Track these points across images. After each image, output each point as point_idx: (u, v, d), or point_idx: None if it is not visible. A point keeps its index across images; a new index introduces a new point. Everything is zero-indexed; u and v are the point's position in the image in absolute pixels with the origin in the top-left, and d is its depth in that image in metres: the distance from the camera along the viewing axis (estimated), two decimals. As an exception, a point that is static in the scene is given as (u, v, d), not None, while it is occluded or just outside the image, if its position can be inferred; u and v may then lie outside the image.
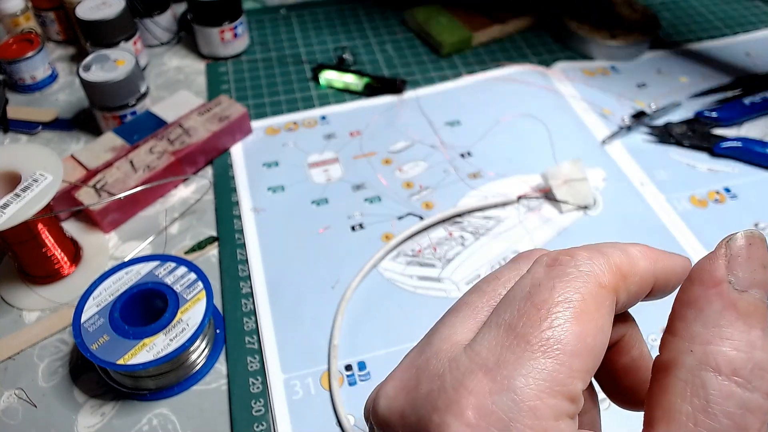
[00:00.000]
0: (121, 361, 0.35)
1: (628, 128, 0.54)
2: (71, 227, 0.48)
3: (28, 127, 0.58)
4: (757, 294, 0.17)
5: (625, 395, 0.22)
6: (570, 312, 0.17)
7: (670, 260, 0.20)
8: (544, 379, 0.16)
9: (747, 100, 0.54)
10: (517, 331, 0.17)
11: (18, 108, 0.60)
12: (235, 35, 0.64)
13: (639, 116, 0.55)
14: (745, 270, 0.18)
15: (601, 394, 0.22)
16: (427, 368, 0.18)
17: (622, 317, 0.21)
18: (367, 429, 0.38)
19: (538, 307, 0.17)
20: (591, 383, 0.21)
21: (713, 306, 0.17)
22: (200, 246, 0.47)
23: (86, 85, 0.52)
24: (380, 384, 0.20)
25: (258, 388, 0.38)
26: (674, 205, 0.48)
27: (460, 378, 0.17)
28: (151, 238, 0.47)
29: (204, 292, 0.38)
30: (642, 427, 0.17)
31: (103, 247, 0.47)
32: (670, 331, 0.18)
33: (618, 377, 0.21)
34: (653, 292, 0.19)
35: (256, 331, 0.41)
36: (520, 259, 0.21)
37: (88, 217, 0.48)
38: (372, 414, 0.19)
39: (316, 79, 0.61)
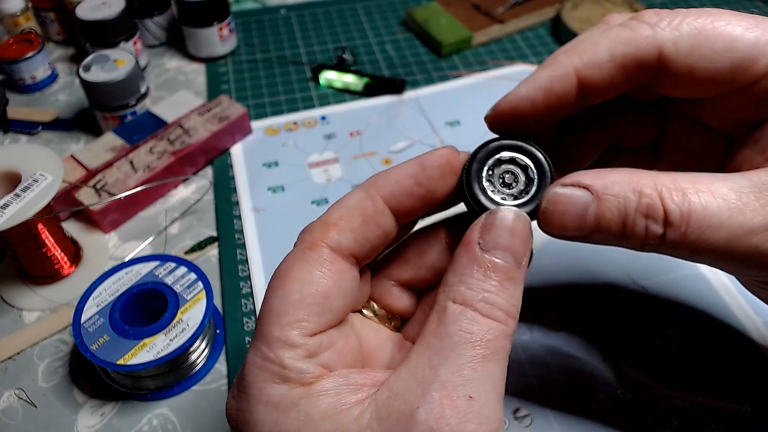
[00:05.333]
0: (121, 362, 0.35)
1: None
2: (71, 227, 0.48)
3: (28, 127, 0.58)
4: (499, 255, 0.23)
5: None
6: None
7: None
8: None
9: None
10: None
11: (18, 108, 0.60)
12: (231, 30, 0.64)
13: None
14: (492, 236, 0.23)
15: None
16: None
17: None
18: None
19: None
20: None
21: (462, 259, 0.24)
22: (200, 246, 0.47)
23: (86, 85, 0.52)
24: None
25: (258, 388, 0.38)
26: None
27: None
28: (151, 238, 0.48)
29: (204, 292, 0.38)
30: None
31: (103, 247, 0.47)
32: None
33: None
34: None
35: (256, 331, 0.41)
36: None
37: (88, 217, 0.48)
38: None
39: (316, 79, 0.61)
